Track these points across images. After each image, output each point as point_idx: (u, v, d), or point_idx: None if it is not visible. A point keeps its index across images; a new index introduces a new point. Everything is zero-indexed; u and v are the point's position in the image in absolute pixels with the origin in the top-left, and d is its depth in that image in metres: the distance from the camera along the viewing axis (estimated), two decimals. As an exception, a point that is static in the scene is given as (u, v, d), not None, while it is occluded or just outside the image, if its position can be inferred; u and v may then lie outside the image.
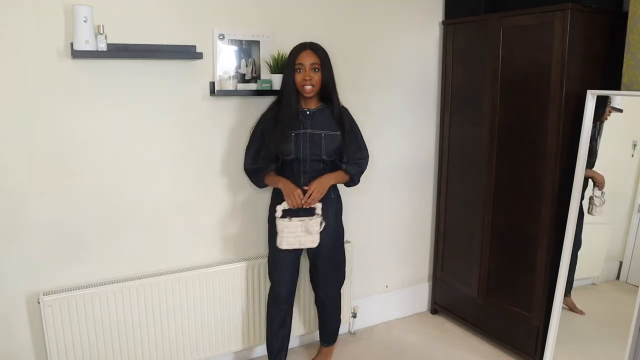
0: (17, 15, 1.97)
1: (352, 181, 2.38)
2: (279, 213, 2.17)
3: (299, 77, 2.17)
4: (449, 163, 3.02)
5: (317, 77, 2.17)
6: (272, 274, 2.41)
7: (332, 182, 2.27)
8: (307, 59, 2.15)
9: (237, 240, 2.59)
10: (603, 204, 2.39)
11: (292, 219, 2.18)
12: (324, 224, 2.23)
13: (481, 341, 2.91)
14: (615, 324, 2.34)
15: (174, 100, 2.32)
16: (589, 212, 2.41)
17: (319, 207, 2.23)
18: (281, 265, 2.36)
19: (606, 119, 2.37)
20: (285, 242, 2.18)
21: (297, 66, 2.17)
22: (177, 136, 2.36)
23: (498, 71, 2.60)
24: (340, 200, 2.41)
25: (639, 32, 2.25)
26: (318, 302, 2.53)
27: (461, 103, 2.89)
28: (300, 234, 2.18)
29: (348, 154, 2.31)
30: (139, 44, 2.17)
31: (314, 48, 2.18)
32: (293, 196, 2.17)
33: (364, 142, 2.39)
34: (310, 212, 2.22)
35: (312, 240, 2.21)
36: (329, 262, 2.40)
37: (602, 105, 2.35)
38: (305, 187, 2.21)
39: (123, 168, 2.26)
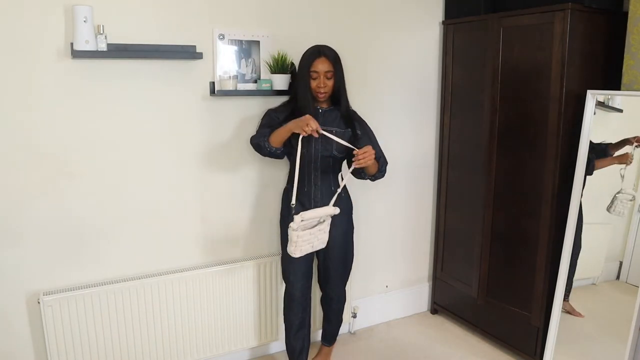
0: (17, 15, 1.97)
1: (380, 173, 2.31)
2: (295, 224, 2.05)
3: (313, 84, 2.21)
4: (449, 163, 3.02)
5: (330, 83, 2.23)
6: (286, 276, 2.40)
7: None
8: (322, 67, 2.19)
9: (241, 239, 2.59)
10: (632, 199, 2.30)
11: (305, 230, 2.10)
12: (330, 219, 2.20)
13: (481, 341, 2.91)
14: (615, 324, 2.34)
15: (174, 100, 2.32)
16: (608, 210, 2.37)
17: (333, 211, 2.16)
18: (295, 266, 2.35)
19: None
20: (299, 251, 2.12)
21: (311, 73, 2.20)
22: (177, 136, 2.36)
23: (498, 71, 2.60)
24: (351, 199, 2.43)
25: (639, 32, 2.25)
26: (325, 300, 2.54)
27: (461, 103, 2.89)
28: (313, 240, 2.15)
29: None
30: (139, 44, 2.17)
31: (327, 55, 2.20)
32: (306, 123, 2.05)
33: (380, 149, 2.35)
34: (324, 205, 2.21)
35: (322, 241, 2.21)
36: (340, 260, 2.42)
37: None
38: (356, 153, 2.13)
39: (123, 168, 2.26)
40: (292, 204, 2.17)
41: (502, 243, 2.71)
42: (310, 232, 2.12)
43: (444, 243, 3.12)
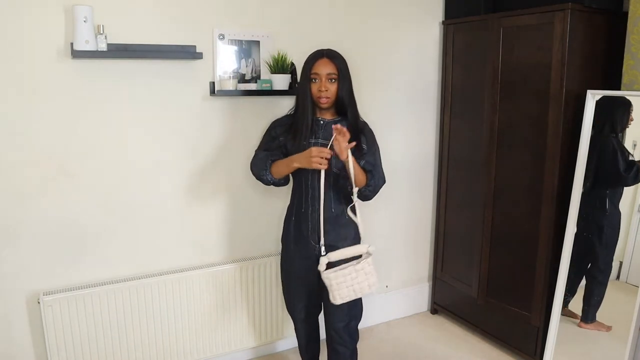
0: (17, 15, 1.97)
1: (367, 188, 2.05)
2: (322, 267, 1.89)
3: (314, 88, 1.98)
4: (449, 163, 3.02)
5: (333, 88, 1.98)
6: (289, 307, 2.27)
7: (352, 160, 1.91)
8: (324, 69, 1.97)
9: (239, 240, 2.59)
10: None
11: (338, 272, 1.91)
12: (369, 256, 1.97)
13: (481, 341, 2.91)
14: (615, 324, 2.34)
15: (174, 100, 2.32)
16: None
17: (366, 249, 1.97)
18: (295, 298, 2.19)
19: (628, 126, 2.33)
20: (339, 296, 1.92)
21: (312, 76, 1.98)
22: (177, 136, 2.36)
23: (498, 71, 2.60)
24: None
25: (639, 32, 2.25)
26: (328, 340, 2.19)
27: (461, 103, 2.89)
28: (354, 283, 1.92)
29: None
30: (139, 44, 2.17)
31: (331, 56, 1.99)
32: (318, 156, 1.87)
33: (381, 167, 2.13)
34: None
35: (369, 284, 1.95)
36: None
37: (626, 113, 2.31)
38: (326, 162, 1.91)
39: (122, 168, 2.26)
40: (321, 269, 1.90)
41: (502, 243, 2.71)
42: (344, 274, 1.90)
43: (444, 243, 3.12)
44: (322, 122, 2.05)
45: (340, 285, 1.91)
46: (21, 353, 2.19)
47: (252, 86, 2.44)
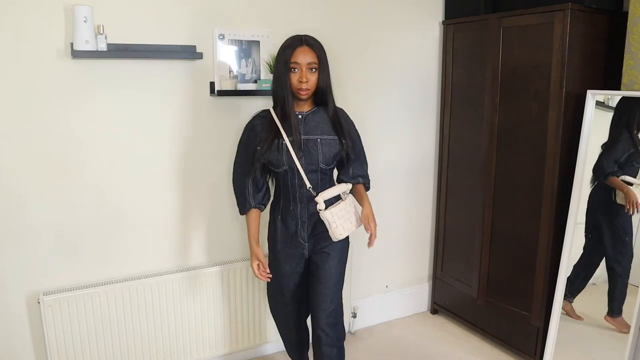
0: (17, 15, 1.97)
1: (367, 187, 2.17)
2: (321, 205, 1.92)
3: (293, 78, 1.87)
4: (449, 163, 3.02)
5: (314, 78, 1.88)
6: (276, 316, 2.25)
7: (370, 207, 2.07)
8: (304, 58, 1.85)
9: (238, 242, 2.59)
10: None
11: (334, 207, 1.96)
12: (350, 200, 2.06)
13: (481, 341, 2.91)
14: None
15: (174, 100, 2.32)
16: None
17: (347, 187, 2.06)
18: (286, 304, 2.15)
19: None
20: (342, 229, 1.96)
21: (292, 65, 1.85)
22: (177, 136, 2.36)
23: (498, 71, 2.60)
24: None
25: (638, 32, 2.25)
26: (314, 339, 2.08)
27: (461, 103, 2.89)
28: (350, 217, 1.99)
29: (349, 164, 2.05)
30: (139, 44, 2.17)
31: (311, 44, 1.87)
32: (255, 268, 2.02)
33: (363, 151, 2.13)
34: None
35: (358, 219, 2.04)
36: (332, 283, 2.05)
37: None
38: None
39: (122, 168, 2.26)
40: (309, 187, 1.94)
41: (502, 243, 2.71)
42: (341, 208, 1.96)
43: (444, 243, 3.12)
44: (299, 115, 1.95)
45: (343, 220, 1.96)
46: (21, 353, 2.19)
47: (252, 86, 2.44)
